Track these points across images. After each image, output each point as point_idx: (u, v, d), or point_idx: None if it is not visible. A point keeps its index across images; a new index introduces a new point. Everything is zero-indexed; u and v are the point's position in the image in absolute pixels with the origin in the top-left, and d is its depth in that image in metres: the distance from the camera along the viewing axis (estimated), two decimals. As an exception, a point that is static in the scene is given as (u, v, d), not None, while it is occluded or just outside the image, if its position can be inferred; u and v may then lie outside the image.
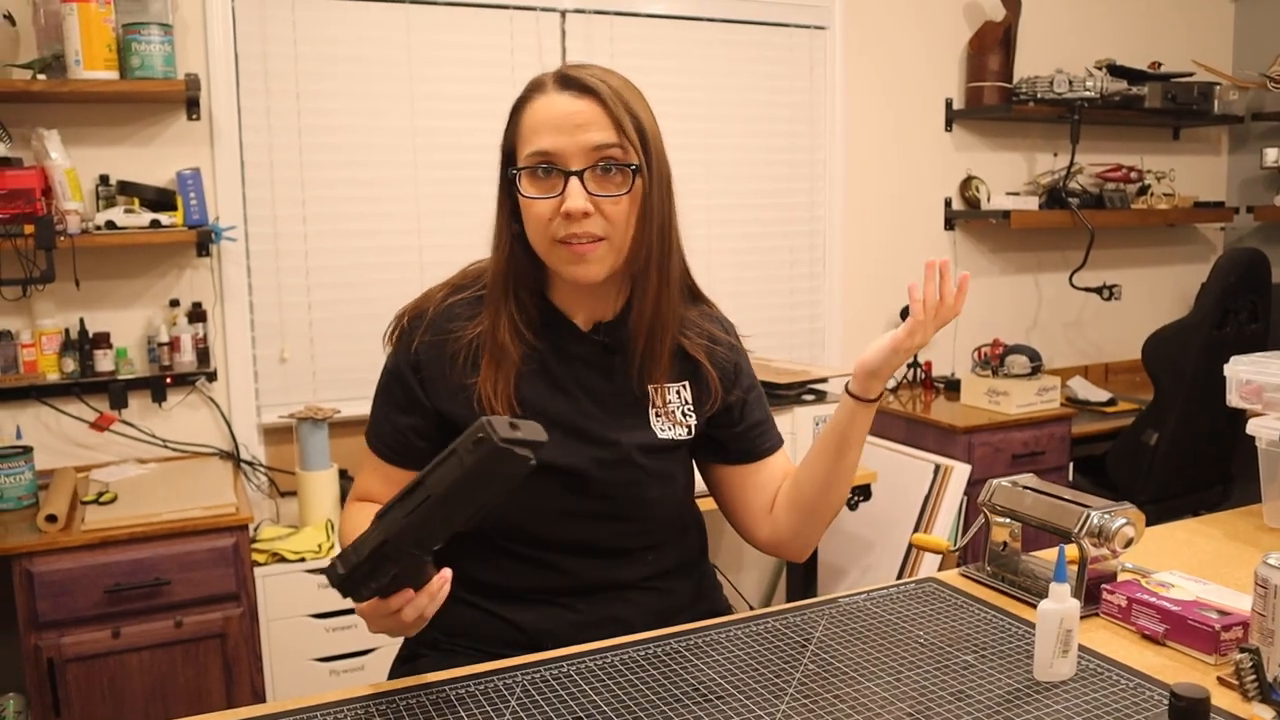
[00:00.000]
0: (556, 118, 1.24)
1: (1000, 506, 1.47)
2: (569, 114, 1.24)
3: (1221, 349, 2.52)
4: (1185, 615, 1.24)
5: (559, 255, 1.26)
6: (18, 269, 2.37)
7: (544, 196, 1.24)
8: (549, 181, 1.24)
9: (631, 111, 1.26)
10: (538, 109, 1.26)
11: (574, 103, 1.24)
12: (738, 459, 1.45)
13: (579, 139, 1.23)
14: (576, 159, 1.23)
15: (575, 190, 1.22)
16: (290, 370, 2.78)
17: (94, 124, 2.54)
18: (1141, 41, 3.97)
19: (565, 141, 1.23)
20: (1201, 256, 4.23)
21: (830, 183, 3.45)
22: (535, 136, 1.24)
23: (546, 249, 1.27)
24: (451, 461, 1.00)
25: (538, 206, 1.25)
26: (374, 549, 1.04)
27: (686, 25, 3.17)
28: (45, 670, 2.10)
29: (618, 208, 1.25)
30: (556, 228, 1.24)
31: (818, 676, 1.18)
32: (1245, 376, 1.81)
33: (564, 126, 1.23)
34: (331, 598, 2.44)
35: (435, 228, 2.89)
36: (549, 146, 1.23)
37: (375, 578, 1.06)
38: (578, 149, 1.23)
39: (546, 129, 1.24)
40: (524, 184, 1.25)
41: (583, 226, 1.23)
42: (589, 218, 1.23)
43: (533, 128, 1.25)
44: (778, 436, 1.48)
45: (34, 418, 2.54)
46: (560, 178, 1.24)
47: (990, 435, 3.10)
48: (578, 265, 1.26)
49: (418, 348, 1.33)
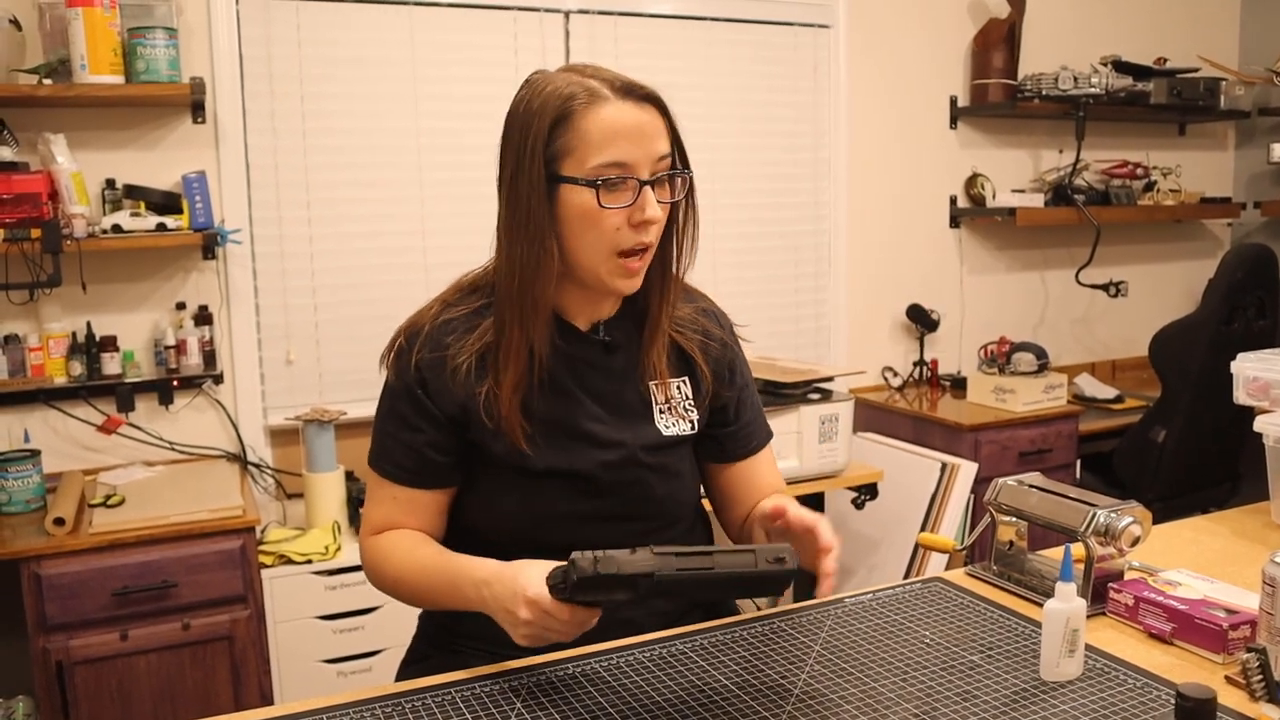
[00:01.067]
0: (629, 127, 1.23)
1: (1006, 506, 1.47)
2: (639, 124, 1.24)
3: (1229, 345, 2.51)
4: (1192, 614, 1.24)
5: (614, 267, 1.27)
6: (25, 273, 2.38)
7: (620, 206, 1.24)
8: (619, 192, 1.24)
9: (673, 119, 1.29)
10: (604, 117, 1.22)
11: (642, 113, 1.24)
12: (730, 457, 1.46)
13: (649, 149, 1.24)
14: (646, 169, 1.24)
15: (651, 200, 1.24)
16: (296, 372, 2.79)
17: (100, 128, 2.55)
18: (1147, 37, 3.96)
19: (639, 152, 1.23)
20: (1208, 252, 4.21)
21: (835, 181, 3.44)
22: (609, 146, 1.22)
23: (604, 258, 1.26)
24: (745, 557, 1.09)
25: (613, 217, 1.24)
26: (637, 575, 1.06)
27: (690, 25, 3.16)
28: (54, 673, 2.11)
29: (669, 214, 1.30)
30: (623, 238, 1.25)
31: (824, 677, 1.18)
32: (1252, 373, 1.81)
33: (636, 137, 1.23)
34: (339, 599, 2.44)
35: (439, 229, 2.90)
36: (625, 158, 1.23)
37: (606, 594, 1.08)
38: (648, 159, 1.24)
39: (620, 139, 1.22)
40: (602, 195, 1.23)
41: (651, 234, 1.26)
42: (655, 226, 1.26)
43: (604, 137, 1.22)
44: (764, 434, 1.50)
45: (41, 421, 2.54)
46: (630, 187, 1.24)
47: (997, 433, 3.10)
48: (629, 279, 1.28)
49: (418, 363, 1.31)
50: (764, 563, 1.08)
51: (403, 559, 1.31)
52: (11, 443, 2.46)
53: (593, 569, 1.06)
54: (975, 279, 3.75)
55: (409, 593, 1.33)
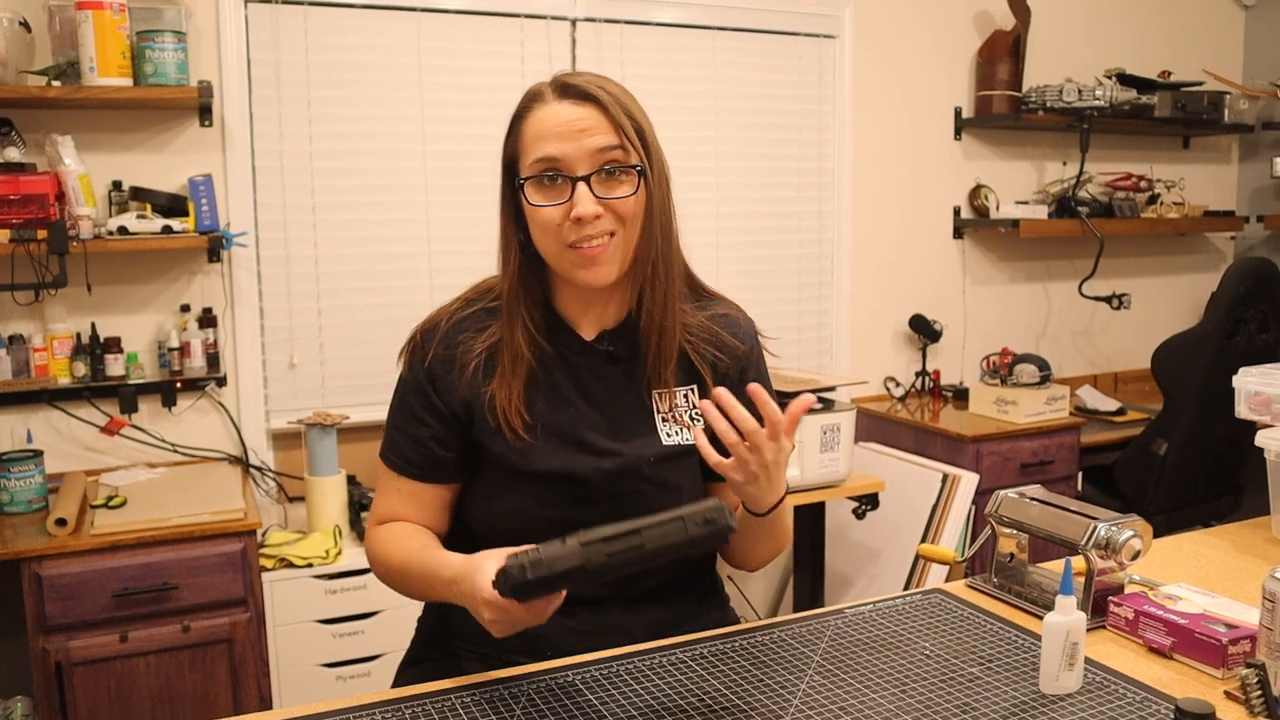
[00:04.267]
0: (559, 125, 1.25)
1: (1007, 518, 1.47)
2: (570, 120, 1.25)
3: (1232, 359, 2.51)
4: (1192, 629, 1.24)
5: (569, 260, 1.27)
6: (30, 274, 2.39)
7: (552, 204, 1.26)
8: (556, 189, 1.26)
9: (630, 114, 1.29)
10: (539, 118, 1.27)
11: (575, 109, 1.26)
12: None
13: (583, 144, 1.25)
14: (582, 164, 1.25)
15: (584, 195, 1.24)
16: (299, 376, 2.79)
17: (107, 130, 2.56)
18: (1151, 50, 3.96)
19: (570, 147, 1.25)
20: (1211, 266, 4.21)
21: (838, 190, 3.45)
22: (539, 144, 1.26)
23: (557, 254, 1.28)
24: (674, 525, 1.06)
25: (546, 214, 1.26)
26: (570, 570, 1.06)
27: (696, 34, 3.17)
28: (53, 673, 2.11)
29: (626, 207, 1.28)
30: (566, 233, 1.26)
31: (823, 688, 1.18)
32: (1254, 388, 1.81)
33: (567, 133, 1.25)
34: (339, 604, 2.45)
35: (445, 235, 2.90)
36: (554, 153, 1.25)
37: (549, 589, 1.09)
38: (582, 154, 1.25)
39: (550, 137, 1.25)
40: (531, 192, 1.27)
41: (595, 228, 1.25)
42: (599, 219, 1.25)
43: (536, 136, 1.27)
44: None
45: (45, 421, 2.55)
46: (567, 184, 1.25)
47: (998, 444, 3.10)
48: (590, 268, 1.27)
49: (431, 361, 1.34)
50: (694, 528, 1.06)
51: (395, 550, 1.34)
52: (14, 443, 2.47)
53: (523, 575, 1.07)
54: (978, 290, 3.75)
55: (401, 583, 1.35)
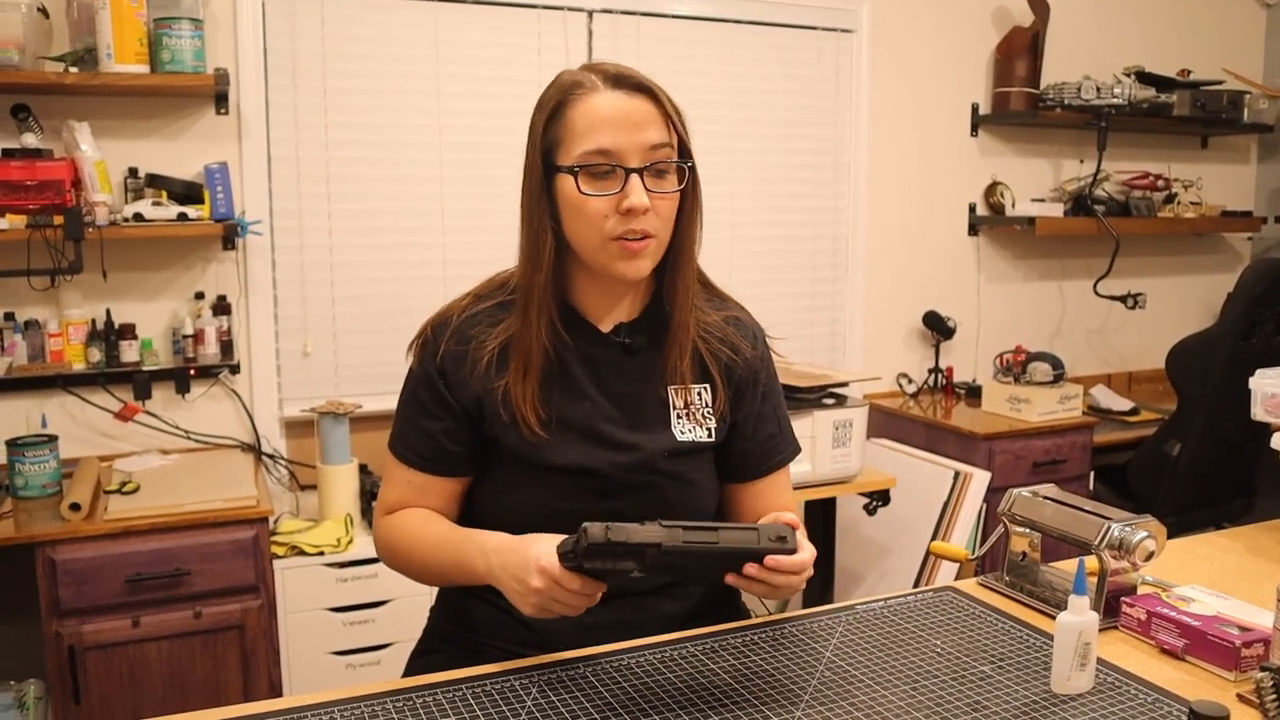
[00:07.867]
0: (614, 116, 1.24)
1: (1020, 517, 1.46)
2: (626, 112, 1.24)
3: (1247, 360, 2.49)
4: (1205, 630, 1.24)
5: (611, 252, 1.26)
6: (46, 259, 2.40)
7: (603, 194, 1.25)
8: (606, 180, 1.25)
9: (679, 111, 1.29)
10: (593, 107, 1.25)
11: (631, 101, 1.25)
12: (736, 476, 1.43)
13: (637, 137, 1.24)
14: (635, 157, 1.24)
15: (638, 187, 1.24)
16: (313, 364, 2.80)
17: (124, 117, 2.56)
18: (1171, 49, 3.94)
19: (625, 140, 1.23)
20: (1228, 266, 4.18)
21: (854, 186, 3.44)
22: (592, 134, 1.24)
23: (598, 246, 1.27)
24: (749, 534, 1.11)
25: (595, 204, 1.25)
26: (645, 544, 1.08)
27: (712, 27, 3.16)
28: (66, 657, 2.13)
29: (668, 205, 1.28)
30: (613, 225, 1.25)
31: (834, 684, 1.18)
32: (1271, 390, 1.79)
33: (622, 125, 1.24)
34: (350, 591, 2.45)
35: (459, 225, 2.90)
36: (609, 145, 1.23)
37: (613, 562, 1.09)
38: (636, 147, 1.24)
39: (604, 127, 1.24)
40: (582, 182, 1.25)
41: (640, 223, 1.25)
42: (646, 215, 1.25)
43: (589, 125, 1.24)
44: (780, 456, 1.45)
45: (59, 407, 2.56)
46: (618, 176, 1.24)
47: (1011, 443, 3.09)
48: (630, 261, 1.27)
49: (443, 355, 1.33)
50: (766, 540, 1.11)
51: (414, 533, 1.34)
52: (29, 427, 2.48)
53: (604, 536, 1.07)
54: (993, 287, 3.74)
55: (420, 567, 1.35)
